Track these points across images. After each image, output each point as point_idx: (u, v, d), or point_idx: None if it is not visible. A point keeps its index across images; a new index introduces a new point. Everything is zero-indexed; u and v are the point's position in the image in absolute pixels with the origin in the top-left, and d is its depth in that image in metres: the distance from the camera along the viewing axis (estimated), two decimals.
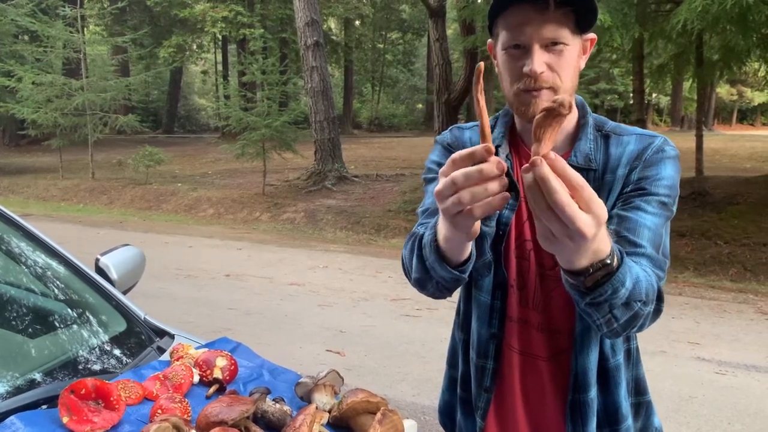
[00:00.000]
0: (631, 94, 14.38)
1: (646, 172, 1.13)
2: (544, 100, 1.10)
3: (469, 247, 1.01)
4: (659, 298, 1.04)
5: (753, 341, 4.78)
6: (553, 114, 0.77)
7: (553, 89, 1.10)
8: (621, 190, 1.15)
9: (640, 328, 1.03)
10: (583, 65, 1.16)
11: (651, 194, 1.11)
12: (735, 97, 37.06)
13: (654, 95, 31.84)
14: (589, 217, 0.77)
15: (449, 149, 1.29)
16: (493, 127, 1.25)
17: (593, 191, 0.78)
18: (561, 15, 1.07)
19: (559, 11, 1.06)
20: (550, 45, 1.08)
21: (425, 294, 1.17)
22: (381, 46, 34.60)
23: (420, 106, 36.62)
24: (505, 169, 0.82)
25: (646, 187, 1.12)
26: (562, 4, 1.06)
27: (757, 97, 35.89)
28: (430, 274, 1.07)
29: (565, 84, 1.11)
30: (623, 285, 0.91)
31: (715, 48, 9.52)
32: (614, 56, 11.42)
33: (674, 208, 1.14)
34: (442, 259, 1.02)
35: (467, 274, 1.06)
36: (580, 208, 0.76)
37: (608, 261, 0.87)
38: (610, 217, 1.12)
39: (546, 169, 0.75)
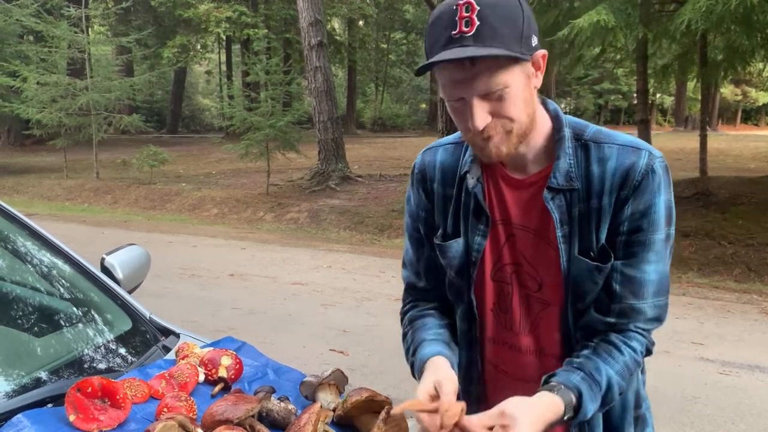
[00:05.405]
0: (635, 95, 14.35)
1: (640, 206, 1.08)
2: (497, 143, 1.07)
3: None
4: (647, 352, 1.14)
5: (757, 341, 4.77)
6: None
7: (505, 131, 1.06)
8: (614, 220, 1.10)
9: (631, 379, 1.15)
10: (538, 84, 1.08)
11: (653, 239, 1.08)
12: (739, 98, 36.96)
13: (658, 95, 31.79)
14: None
15: (422, 181, 1.27)
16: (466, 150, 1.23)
17: None
18: (489, 62, 1.00)
19: (483, 63, 1.00)
20: (488, 94, 1.03)
21: None
22: (384, 46, 34.59)
23: (423, 106, 36.57)
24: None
25: (644, 228, 1.08)
26: (482, 58, 0.99)
27: (762, 98, 35.81)
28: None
29: (519, 119, 1.06)
30: (587, 414, 1.03)
31: (720, 48, 9.50)
32: (618, 56, 11.40)
33: (673, 228, 1.11)
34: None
35: None
36: None
37: (565, 418, 1.00)
38: (613, 270, 1.10)
39: None
